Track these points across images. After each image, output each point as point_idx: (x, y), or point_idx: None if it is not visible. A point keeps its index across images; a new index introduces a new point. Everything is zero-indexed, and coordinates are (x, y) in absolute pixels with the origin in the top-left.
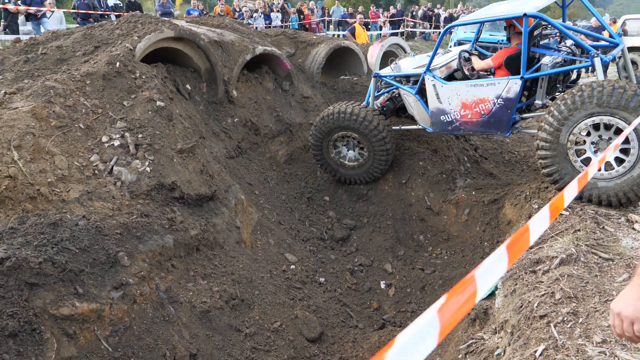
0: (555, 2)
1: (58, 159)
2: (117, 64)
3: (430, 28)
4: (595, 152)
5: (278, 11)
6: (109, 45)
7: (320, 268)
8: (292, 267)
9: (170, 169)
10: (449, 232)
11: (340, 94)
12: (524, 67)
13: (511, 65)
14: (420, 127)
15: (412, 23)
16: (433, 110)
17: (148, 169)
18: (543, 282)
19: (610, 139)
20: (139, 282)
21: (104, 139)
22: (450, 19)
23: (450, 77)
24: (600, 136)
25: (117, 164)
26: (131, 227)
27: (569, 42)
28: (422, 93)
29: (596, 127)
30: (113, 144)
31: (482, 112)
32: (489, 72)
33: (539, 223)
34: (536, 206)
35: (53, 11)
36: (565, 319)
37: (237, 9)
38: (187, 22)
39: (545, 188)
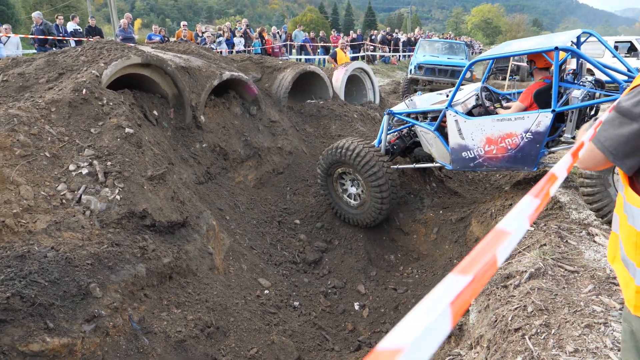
0: (571, 41)
1: (23, 189)
2: (84, 90)
3: (389, 52)
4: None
5: (241, 36)
6: (73, 72)
7: (294, 292)
8: (266, 292)
9: (141, 197)
10: (419, 251)
11: (307, 118)
12: (555, 100)
13: (540, 100)
14: (437, 164)
15: (372, 47)
16: (454, 147)
17: (118, 197)
18: (515, 296)
19: None
20: (111, 313)
21: (72, 167)
22: (409, 42)
23: (468, 114)
24: None
25: (86, 192)
26: (102, 257)
27: (589, 77)
28: (440, 130)
29: None
30: (81, 173)
31: (509, 147)
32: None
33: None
34: None
35: (9, 37)
36: (538, 330)
37: (200, 34)
38: (152, 48)
39: (510, 205)
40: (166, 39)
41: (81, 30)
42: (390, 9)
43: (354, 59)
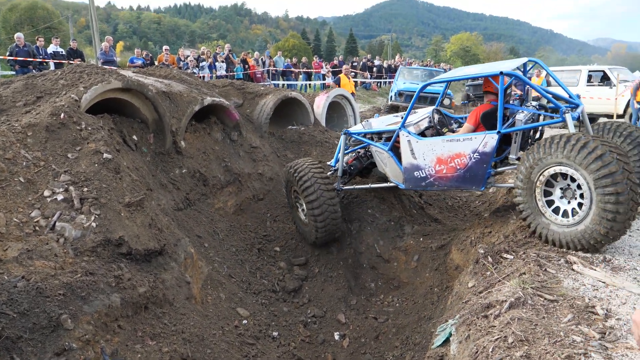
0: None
1: None
2: (62, 115)
3: (370, 78)
4: (561, 197)
5: (222, 61)
6: (52, 95)
7: (272, 322)
8: (245, 322)
9: (118, 224)
10: (399, 279)
11: (288, 144)
12: (500, 122)
13: (487, 121)
14: (391, 184)
15: (353, 73)
16: (407, 166)
17: (94, 224)
18: (495, 326)
19: (575, 189)
20: (83, 346)
21: (46, 193)
22: (389, 69)
23: (421, 135)
24: (569, 185)
25: (60, 219)
26: (75, 286)
27: (533, 102)
28: (394, 150)
29: (565, 176)
30: (56, 199)
31: (458, 167)
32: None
33: None
34: (482, 251)
35: None
36: None
37: (182, 58)
38: (134, 72)
39: (489, 233)
40: (148, 62)
41: (62, 52)
42: (371, 36)
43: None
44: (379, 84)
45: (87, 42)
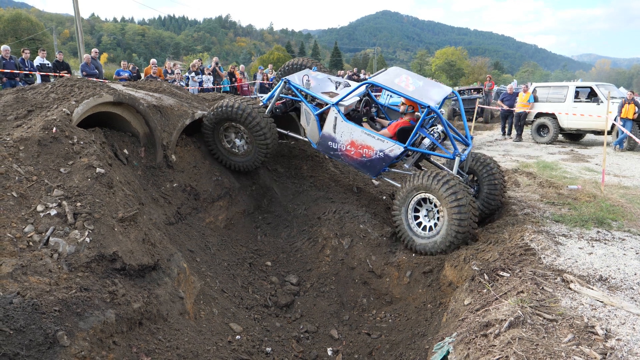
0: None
1: None
2: (54, 129)
3: None
4: (426, 216)
5: (209, 74)
6: (43, 109)
7: (266, 337)
8: (238, 337)
9: (111, 239)
10: (392, 295)
11: (279, 158)
12: (410, 140)
13: (401, 134)
14: (305, 139)
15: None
16: (325, 135)
17: (88, 240)
18: (496, 345)
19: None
20: None
21: (40, 208)
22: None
23: (346, 114)
24: (433, 207)
25: (54, 234)
26: (70, 302)
27: (439, 128)
28: (320, 116)
29: (425, 200)
30: (49, 214)
31: (363, 155)
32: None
33: None
34: (477, 268)
35: None
36: None
37: (169, 71)
38: (124, 85)
39: (483, 250)
40: (135, 75)
41: (49, 64)
42: (356, 50)
43: None
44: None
45: (72, 53)
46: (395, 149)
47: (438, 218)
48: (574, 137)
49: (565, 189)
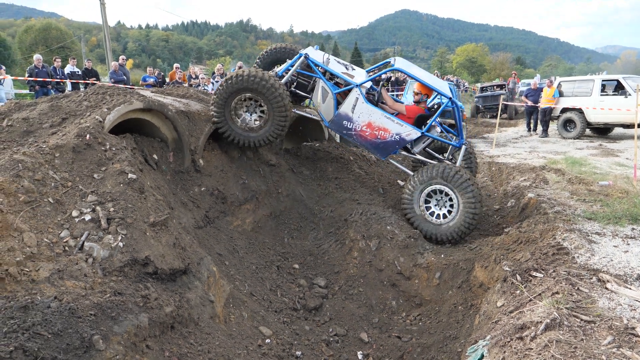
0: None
1: (27, 236)
2: (87, 136)
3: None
4: (436, 205)
5: None
6: (77, 117)
7: (295, 340)
8: (268, 341)
9: (143, 243)
10: (421, 297)
11: (304, 160)
12: (427, 127)
13: (418, 120)
14: (317, 118)
15: None
16: (341, 113)
17: (121, 244)
18: (532, 348)
19: (445, 199)
20: None
21: (74, 213)
22: (396, 82)
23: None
24: (442, 197)
25: (89, 239)
26: (105, 307)
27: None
28: (338, 95)
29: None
30: (84, 219)
31: (378, 137)
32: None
33: None
34: (508, 268)
35: (4, 78)
36: None
37: (193, 76)
38: (152, 92)
39: (514, 250)
40: (160, 80)
41: (79, 72)
42: (376, 49)
43: None
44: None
45: (99, 60)
46: (412, 133)
47: (452, 206)
48: (602, 131)
49: (596, 185)
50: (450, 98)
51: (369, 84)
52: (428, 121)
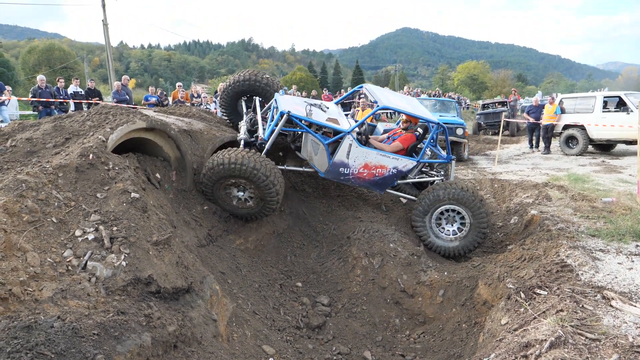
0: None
1: (30, 256)
2: (90, 155)
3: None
4: (447, 222)
5: None
6: (80, 136)
7: (298, 359)
8: (271, 359)
9: (147, 262)
10: (425, 315)
11: (306, 178)
12: (422, 155)
13: (410, 149)
14: (311, 170)
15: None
16: (336, 162)
17: (124, 263)
18: None
19: (455, 217)
20: None
21: (78, 232)
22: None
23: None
24: (451, 214)
25: (92, 258)
26: (108, 326)
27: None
28: (329, 144)
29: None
30: (87, 238)
31: (377, 175)
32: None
33: None
34: (512, 286)
35: (9, 99)
36: None
37: (195, 95)
38: (155, 111)
39: (517, 267)
40: (164, 99)
41: (82, 92)
42: (378, 67)
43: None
44: (388, 114)
45: (101, 80)
46: (408, 164)
47: (462, 224)
48: (605, 147)
49: (599, 202)
50: (438, 123)
51: (357, 129)
52: (420, 147)
